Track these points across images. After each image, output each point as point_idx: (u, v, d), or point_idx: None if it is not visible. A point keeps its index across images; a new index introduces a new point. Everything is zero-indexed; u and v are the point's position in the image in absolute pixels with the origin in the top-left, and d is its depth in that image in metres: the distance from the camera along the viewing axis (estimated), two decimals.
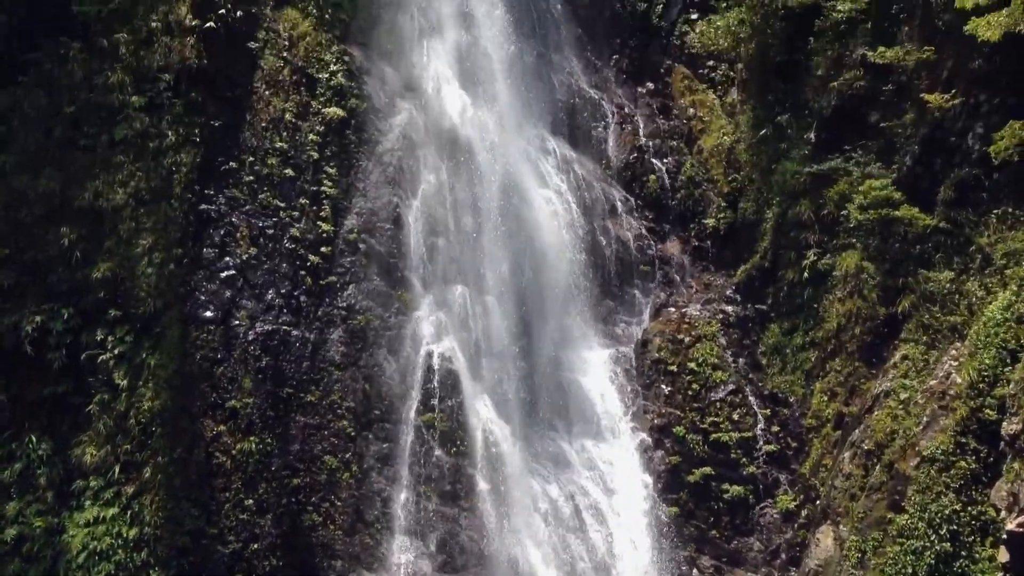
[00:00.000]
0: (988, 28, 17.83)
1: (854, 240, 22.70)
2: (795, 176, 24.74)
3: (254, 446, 20.73)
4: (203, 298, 21.34)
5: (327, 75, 24.88)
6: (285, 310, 22.21)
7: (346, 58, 25.52)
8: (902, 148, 22.37)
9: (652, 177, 28.15)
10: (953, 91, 20.78)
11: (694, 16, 30.42)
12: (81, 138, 21.40)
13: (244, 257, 22.06)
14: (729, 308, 26.04)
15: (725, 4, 28.48)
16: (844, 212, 22.85)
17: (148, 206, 21.09)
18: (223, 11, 23.19)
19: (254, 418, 20.94)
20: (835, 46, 24.39)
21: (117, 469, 19.48)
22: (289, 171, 23.41)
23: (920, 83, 22.04)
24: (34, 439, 19.46)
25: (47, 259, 20.39)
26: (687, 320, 25.67)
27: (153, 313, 20.35)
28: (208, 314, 21.22)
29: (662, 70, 30.54)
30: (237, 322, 21.52)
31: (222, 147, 22.78)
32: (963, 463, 17.54)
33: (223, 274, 21.78)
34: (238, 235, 22.21)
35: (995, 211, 19.74)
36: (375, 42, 26.77)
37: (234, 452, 20.58)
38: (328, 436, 21.87)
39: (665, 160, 28.56)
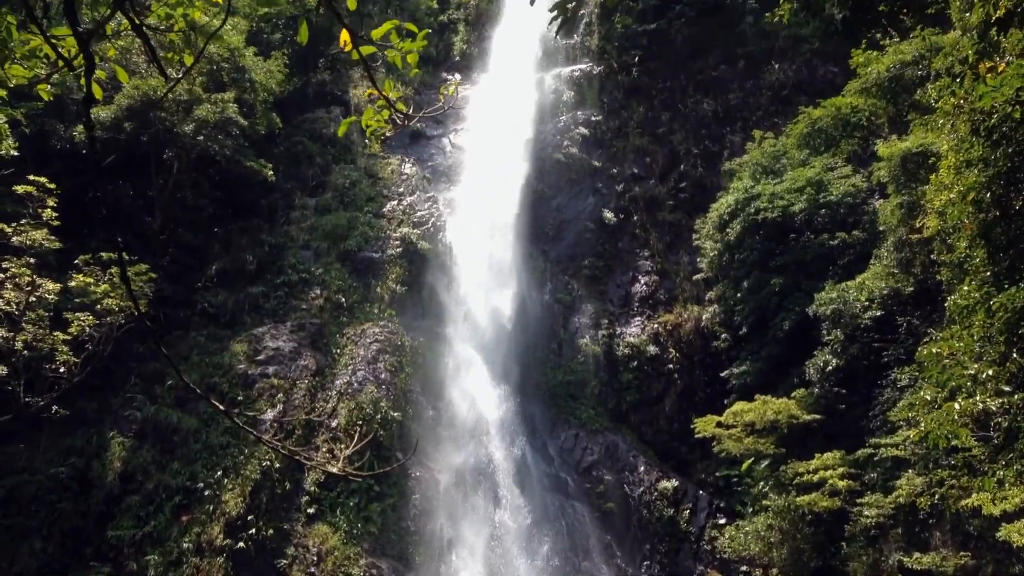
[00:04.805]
0: (1021, 536, 17.57)
1: None
2: None
3: None
4: None
5: None
6: None
7: (374, 571, 25.31)
8: None
9: None
10: None
11: (722, 521, 30.56)
12: None
13: None
14: None
15: (752, 509, 28.66)
16: None
17: None
18: (254, 530, 23.57)
19: None
20: (868, 551, 24.04)
21: None
22: None
23: None
24: None
25: None
26: None
27: None
28: None
29: None
30: None
31: None
32: None
33: None
34: None
35: None
36: (404, 553, 26.76)
37: None
38: None
39: None
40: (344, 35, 5.81)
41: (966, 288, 15.29)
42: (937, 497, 21.92)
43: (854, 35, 10.88)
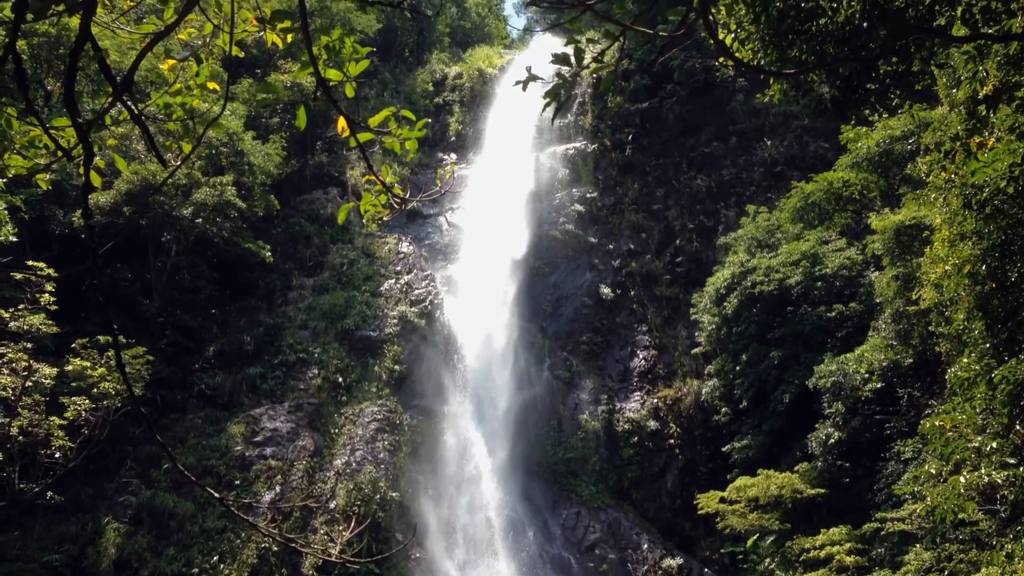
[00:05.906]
0: None
1: None
2: None
3: None
4: None
5: None
6: None
7: None
8: None
9: None
10: None
11: None
12: None
13: None
14: None
15: None
16: None
17: None
18: None
19: None
20: None
21: None
22: None
23: None
24: None
25: None
26: None
27: None
28: None
29: None
30: None
31: None
32: None
33: None
34: None
35: None
36: None
37: None
38: None
39: None
40: (341, 122, 5.88)
41: (966, 360, 15.25)
42: (946, 572, 21.49)
43: (843, 112, 11.03)
